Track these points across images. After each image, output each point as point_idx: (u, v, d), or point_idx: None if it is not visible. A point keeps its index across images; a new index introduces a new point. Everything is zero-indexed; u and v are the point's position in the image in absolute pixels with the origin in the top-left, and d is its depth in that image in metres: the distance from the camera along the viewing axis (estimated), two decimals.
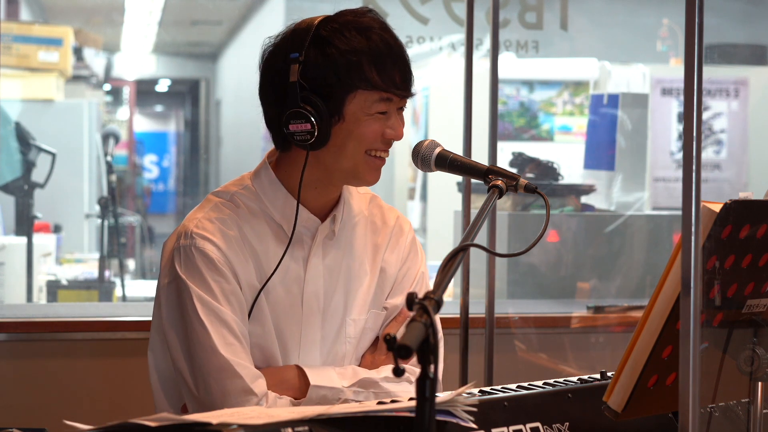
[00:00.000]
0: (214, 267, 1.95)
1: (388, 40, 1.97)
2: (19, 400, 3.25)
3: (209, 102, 11.78)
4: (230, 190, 2.05)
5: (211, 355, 1.92)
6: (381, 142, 1.98)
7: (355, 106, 1.95)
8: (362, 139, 1.96)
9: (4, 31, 5.78)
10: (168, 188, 14.85)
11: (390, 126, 1.97)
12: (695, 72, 1.49)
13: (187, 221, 2.01)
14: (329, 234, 2.06)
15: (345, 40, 1.95)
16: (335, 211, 2.06)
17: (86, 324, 3.35)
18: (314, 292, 2.04)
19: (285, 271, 2.01)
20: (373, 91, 1.94)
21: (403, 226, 2.16)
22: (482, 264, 2.57)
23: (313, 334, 2.04)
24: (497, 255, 2.84)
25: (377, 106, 1.96)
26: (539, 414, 1.75)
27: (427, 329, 1.36)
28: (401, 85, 1.96)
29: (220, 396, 1.91)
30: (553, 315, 3.71)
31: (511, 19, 4.45)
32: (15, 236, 5.25)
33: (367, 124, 1.96)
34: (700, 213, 1.49)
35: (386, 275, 2.12)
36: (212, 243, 1.96)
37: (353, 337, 2.07)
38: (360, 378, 2.00)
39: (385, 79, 1.94)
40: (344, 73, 1.94)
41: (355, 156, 1.97)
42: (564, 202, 4.35)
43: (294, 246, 2.02)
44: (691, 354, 1.49)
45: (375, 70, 1.94)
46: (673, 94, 5.16)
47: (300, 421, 1.51)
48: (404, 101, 2.00)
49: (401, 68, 1.97)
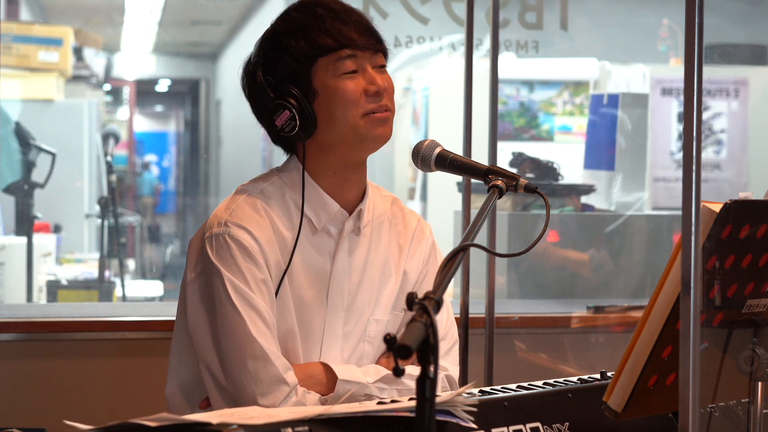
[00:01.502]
0: (248, 255, 1.95)
1: (330, 5, 2.00)
2: (19, 400, 3.25)
3: (209, 102, 11.78)
4: (259, 185, 2.06)
5: (245, 341, 1.91)
6: (367, 99, 1.98)
7: (321, 75, 1.97)
8: (344, 102, 1.97)
9: (4, 31, 5.78)
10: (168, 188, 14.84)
11: (367, 80, 1.98)
12: (695, 72, 1.49)
13: (219, 211, 2.02)
14: (355, 230, 2.07)
15: (289, 21, 2.01)
16: (361, 205, 2.06)
17: (86, 324, 3.35)
18: (339, 288, 2.04)
19: (309, 262, 2.02)
20: (331, 54, 1.96)
21: (423, 229, 2.17)
22: (482, 264, 2.57)
23: (335, 330, 2.04)
24: (497, 255, 2.84)
25: (342, 66, 1.97)
26: (539, 414, 1.75)
27: (427, 329, 1.36)
28: (360, 39, 1.97)
29: (251, 383, 1.90)
30: (553, 315, 3.71)
31: (511, 19, 4.45)
32: (15, 236, 5.26)
33: (342, 86, 1.97)
34: (700, 213, 1.49)
35: (408, 279, 2.12)
36: (246, 231, 1.97)
37: (374, 336, 2.07)
38: (383, 374, 2.00)
39: (338, 39, 1.96)
40: (298, 50, 1.97)
41: (349, 120, 1.97)
42: (564, 202, 4.35)
43: (321, 239, 2.03)
44: (691, 354, 1.49)
45: (324, 34, 1.96)
46: (673, 94, 5.16)
47: (300, 421, 1.51)
48: (378, 57, 2.01)
49: (355, 25, 1.99)
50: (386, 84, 1.99)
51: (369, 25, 2.01)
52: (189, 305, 2.00)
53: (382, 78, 2.00)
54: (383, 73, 2.01)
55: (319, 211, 2.03)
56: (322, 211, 2.03)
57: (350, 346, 2.06)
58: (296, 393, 1.92)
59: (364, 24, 2.00)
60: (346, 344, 2.05)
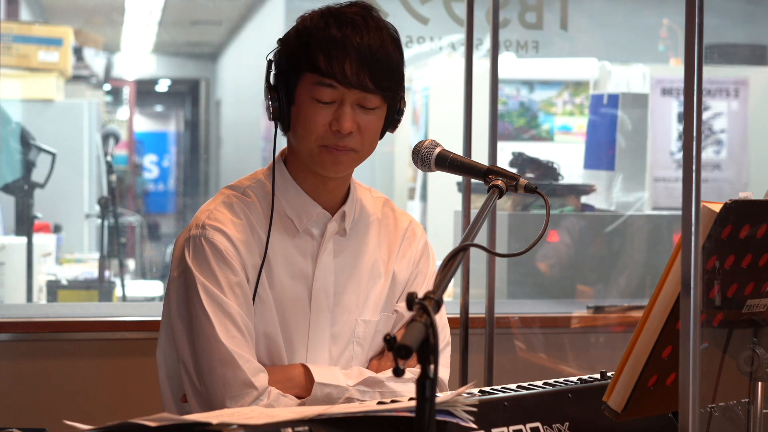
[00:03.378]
0: (222, 258, 1.96)
1: (349, 30, 1.93)
2: (19, 400, 3.25)
3: (209, 102, 11.78)
4: (243, 184, 2.07)
5: (214, 345, 1.92)
6: (330, 134, 1.95)
7: (302, 88, 1.96)
8: (308, 125, 1.95)
9: (4, 31, 5.78)
10: (168, 188, 14.84)
11: (335, 116, 1.94)
12: (695, 72, 1.49)
13: (200, 213, 2.03)
14: (340, 231, 2.06)
15: (308, 23, 1.97)
16: (344, 207, 2.06)
17: (86, 324, 3.35)
18: (323, 289, 2.04)
19: (291, 263, 2.02)
20: (316, 74, 1.93)
21: (415, 230, 2.16)
22: (482, 264, 2.57)
23: (321, 332, 2.04)
24: (497, 255, 2.84)
25: (318, 91, 1.93)
26: (539, 414, 1.75)
27: (427, 329, 1.36)
28: (351, 76, 1.92)
29: (220, 387, 1.91)
30: (553, 315, 3.71)
31: (511, 19, 4.45)
32: (15, 236, 5.25)
33: (310, 110, 1.94)
34: (700, 213, 1.49)
35: (397, 279, 2.12)
36: (223, 233, 1.97)
37: (363, 338, 2.06)
38: (365, 377, 2.00)
39: (331, 66, 1.92)
40: (295, 54, 1.96)
41: (308, 143, 1.97)
42: (564, 202, 4.35)
43: (303, 240, 2.03)
44: (691, 354, 1.49)
45: (322, 55, 1.92)
46: (673, 94, 5.16)
47: (300, 421, 1.51)
48: (368, 97, 1.94)
49: (357, 59, 1.92)
50: (355, 127, 1.94)
51: (376, 65, 1.93)
52: (173, 304, 2.01)
53: (355, 120, 1.94)
54: (366, 113, 1.95)
55: (300, 212, 2.03)
56: (303, 212, 2.03)
57: (339, 348, 2.05)
58: (268, 396, 1.92)
59: (369, 62, 1.92)
60: (335, 346, 2.05)
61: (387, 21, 2.00)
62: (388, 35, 1.97)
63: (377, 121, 1.98)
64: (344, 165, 1.98)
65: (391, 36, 1.98)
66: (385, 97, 1.97)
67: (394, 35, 1.99)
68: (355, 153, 1.98)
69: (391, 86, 1.97)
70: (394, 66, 1.97)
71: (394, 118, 2.03)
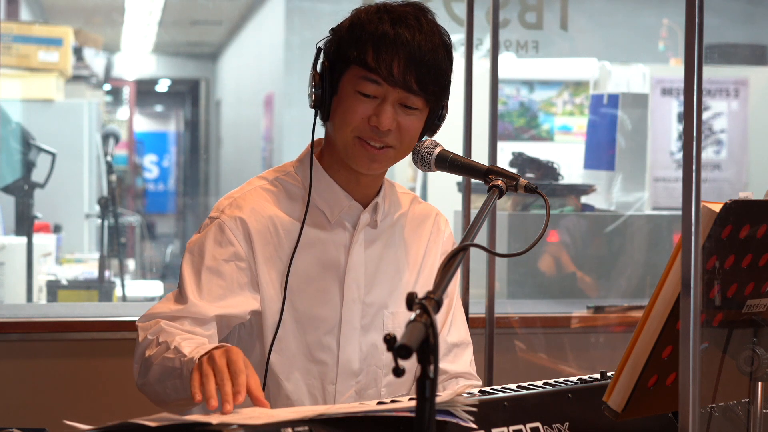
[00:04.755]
0: (222, 240, 1.98)
1: (402, 27, 1.93)
2: (19, 400, 3.25)
3: (209, 102, 11.78)
4: (272, 175, 2.08)
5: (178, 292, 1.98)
6: (368, 128, 1.95)
7: (347, 80, 1.96)
8: (346, 115, 1.95)
9: (4, 31, 5.78)
10: (168, 188, 14.84)
11: (375, 112, 1.94)
12: (695, 72, 1.49)
13: (224, 198, 2.05)
14: (372, 223, 2.07)
15: (362, 16, 1.97)
16: (377, 198, 2.07)
17: (86, 324, 3.35)
18: (355, 280, 2.05)
19: (323, 255, 2.03)
20: (363, 68, 1.93)
21: (440, 223, 2.19)
22: (482, 264, 2.57)
23: (353, 323, 2.04)
24: (497, 255, 2.84)
25: (362, 85, 1.93)
26: (539, 414, 1.75)
27: (427, 329, 1.36)
28: (398, 76, 1.92)
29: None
30: (553, 315, 3.71)
31: (511, 19, 4.45)
32: (15, 236, 5.25)
33: (351, 101, 1.95)
34: (700, 213, 1.49)
35: (425, 273, 2.14)
36: (238, 220, 1.99)
37: (390, 330, 2.06)
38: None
39: (379, 62, 1.92)
40: (345, 45, 1.95)
41: (344, 134, 1.97)
42: (564, 202, 4.35)
43: (335, 232, 2.04)
44: (691, 354, 1.49)
45: (370, 49, 1.93)
46: (673, 94, 5.16)
47: (300, 421, 1.51)
48: (411, 97, 1.94)
49: (405, 58, 1.92)
50: (394, 125, 1.94)
51: (423, 67, 1.92)
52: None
53: (395, 118, 1.94)
54: (407, 113, 1.95)
55: (333, 204, 2.04)
56: (335, 204, 2.04)
57: (368, 340, 2.06)
58: (154, 325, 1.91)
59: (417, 63, 1.92)
60: (364, 338, 2.06)
61: (441, 25, 2.00)
62: (440, 39, 1.97)
63: (417, 123, 1.98)
64: (379, 163, 1.99)
65: (443, 41, 1.98)
66: (428, 100, 1.97)
67: (446, 40, 1.99)
68: (392, 150, 1.98)
69: (436, 90, 1.97)
70: (442, 71, 1.97)
71: (435, 122, 2.03)
